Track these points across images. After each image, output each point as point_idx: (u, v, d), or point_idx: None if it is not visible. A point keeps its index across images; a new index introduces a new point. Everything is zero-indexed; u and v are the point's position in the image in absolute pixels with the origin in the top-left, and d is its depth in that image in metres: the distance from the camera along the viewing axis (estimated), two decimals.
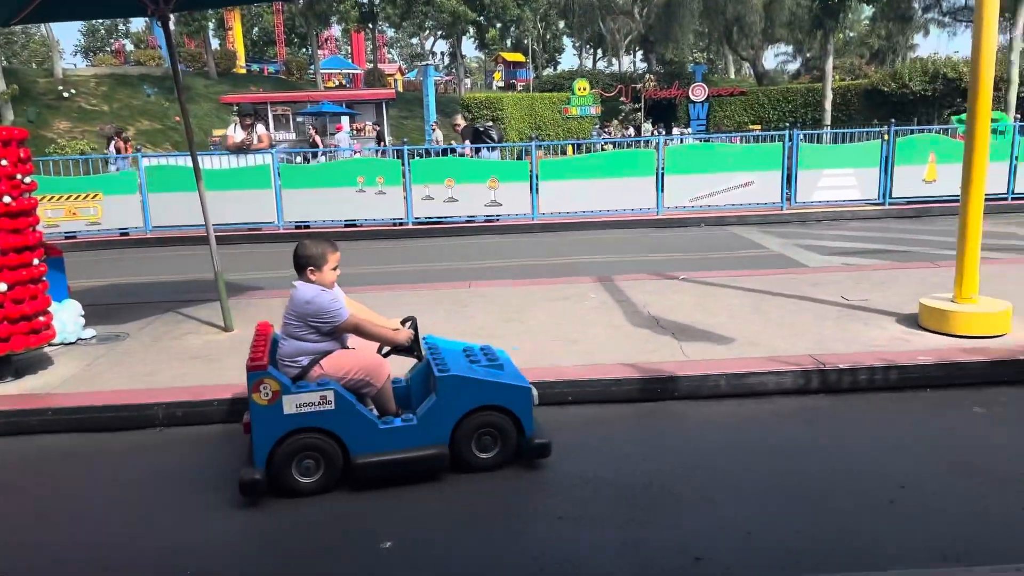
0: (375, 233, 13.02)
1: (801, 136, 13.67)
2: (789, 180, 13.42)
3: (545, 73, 56.39)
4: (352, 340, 4.00)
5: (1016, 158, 13.33)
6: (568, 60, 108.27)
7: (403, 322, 4.11)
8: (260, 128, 13.57)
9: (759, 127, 32.38)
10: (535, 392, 3.94)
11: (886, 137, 13.51)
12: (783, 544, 3.15)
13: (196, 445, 4.44)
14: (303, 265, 3.87)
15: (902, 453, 3.96)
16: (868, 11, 42.93)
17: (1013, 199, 13.33)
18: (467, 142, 14.47)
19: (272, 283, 8.74)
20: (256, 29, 63.47)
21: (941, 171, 13.36)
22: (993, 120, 12.61)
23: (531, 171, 13.23)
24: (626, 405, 4.74)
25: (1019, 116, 16.80)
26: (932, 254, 9.32)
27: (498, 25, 53.17)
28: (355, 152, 17.64)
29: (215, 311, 6.55)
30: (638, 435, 4.34)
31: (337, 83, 47.65)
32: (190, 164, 6.57)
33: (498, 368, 3.99)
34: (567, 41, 68.01)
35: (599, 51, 63.88)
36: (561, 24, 62.42)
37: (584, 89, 36.75)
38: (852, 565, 2.98)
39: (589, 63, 63.20)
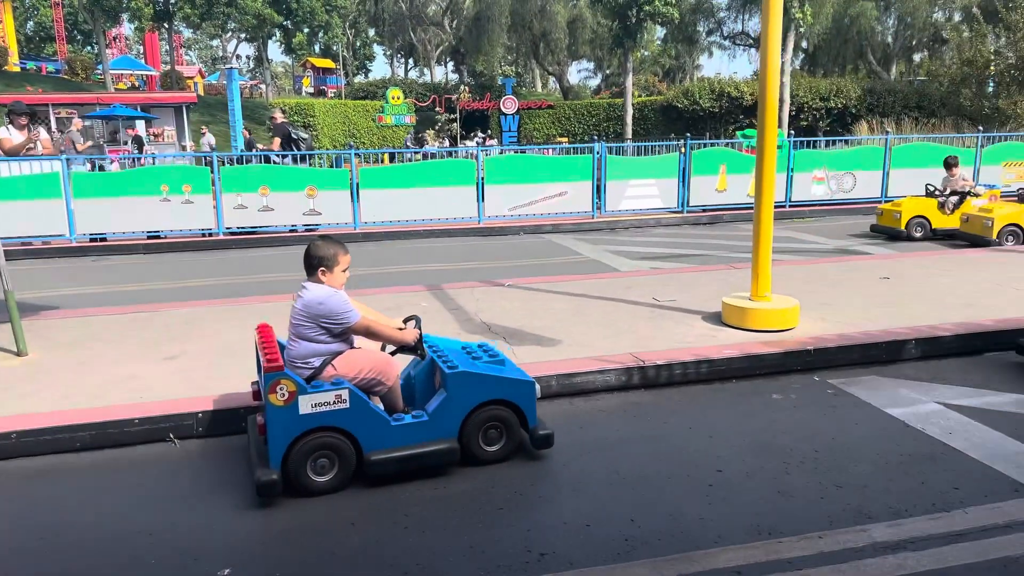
0: (182, 245, 12.25)
1: (608, 149, 14.48)
2: (598, 190, 14.16)
3: (356, 80, 55.64)
4: (358, 340, 3.99)
5: (792, 170, 14.92)
6: (380, 68, 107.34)
7: (405, 321, 4.18)
8: (42, 133, 12.27)
9: (567, 140, 33.86)
10: (538, 386, 4.12)
11: (683, 150, 14.63)
12: (620, 533, 3.34)
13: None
14: (315, 266, 3.91)
15: (716, 440, 4.33)
16: (661, 32, 46.22)
17: (791, 206, 14.89)
18: (275, 138, 13.99)
19: (68, 301, 8.00)
20: (31, 23, 57.56)
21: (731, 181, 14.67)
22: None
23: (351, 179, 13.03)
24: None
25: (792, 132, 18.83)
26: (728, 257, 10.21)
27: (306, 30, 51.73)
28: (113, 161, 16.20)
29: (4, 334, 5.89)
30: None
31: (130, 85, 44.26)
32: None
33: (499, 364, 4.15)
34: (378, 49, 67.55)
35: (411, 60, 63.98)
36: (371, 31, 61.91)
37: (398, 98, 36.67)
38: (682, 547, 3.22)
39: (401, 72, 63.13)
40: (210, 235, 12.63)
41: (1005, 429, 4.32)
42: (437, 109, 38.34)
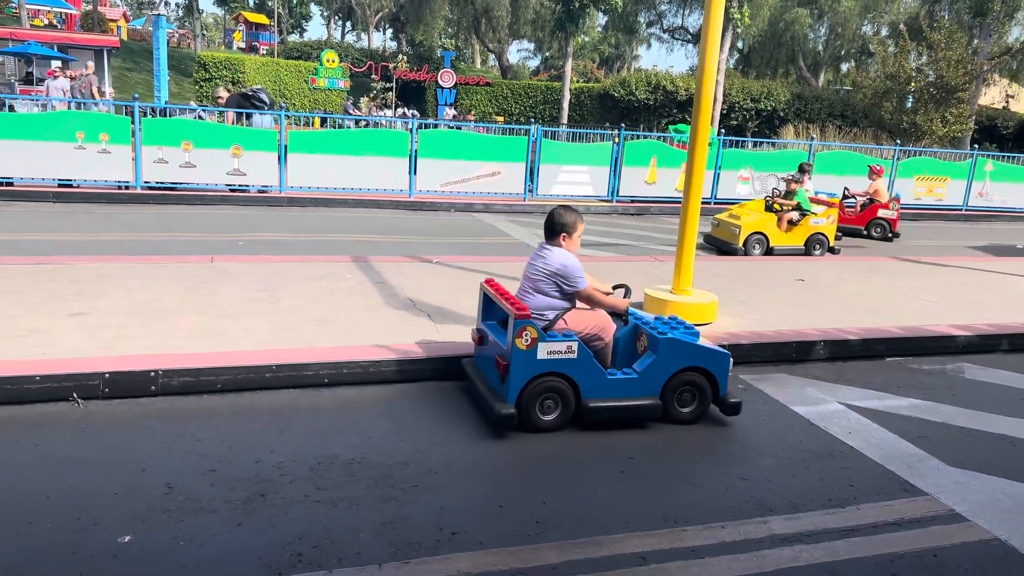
0: (96, 196, 11.70)
1: (543, 132, 14.50)
2: (532, 173, 14.18)
3: (291, 39, 54.01)
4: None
5: (719, 167, 15.27)
6: (316, 29, 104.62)
7: (614, 288, 4.70)
8: None
9: (503, 119, 33.75)
10: (731, 358, 4.52)
11: (616, 140, 14.78)
12: (532, 516, 3.38)
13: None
14: (558, 231, 4.46)
15: (630, 428, 4.40)
16: (603, 19, 46.39)
17: (716, 203, 15.24)
18: (229, 113, 13.46)
19: None
20: None
21: (661, 174, 14.92)
22: None
23: (280, 141, 12.67)
24: (383, 387, 4.78)
25: (723, 130, 19.24)
26: (653, 248, 10.40)
27: None
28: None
29: None
30: (394, 416, 4.39)
31: (47, 22, 41.76)
32: None
33: (694, 335, 4.50)
34: (315, 9, 65.65)
35: (348, 24, 62.49)
36: None
37: (333, 61, 35.78)
38: (591, 531, 3.28)
39: (338, 35, 61.58)
40: (126, 188, 12.10)
41: (900, 431, 4.56)
42: (373, 76, 37.59)
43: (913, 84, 23.79)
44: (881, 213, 12.97)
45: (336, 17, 60.68)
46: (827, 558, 3.18)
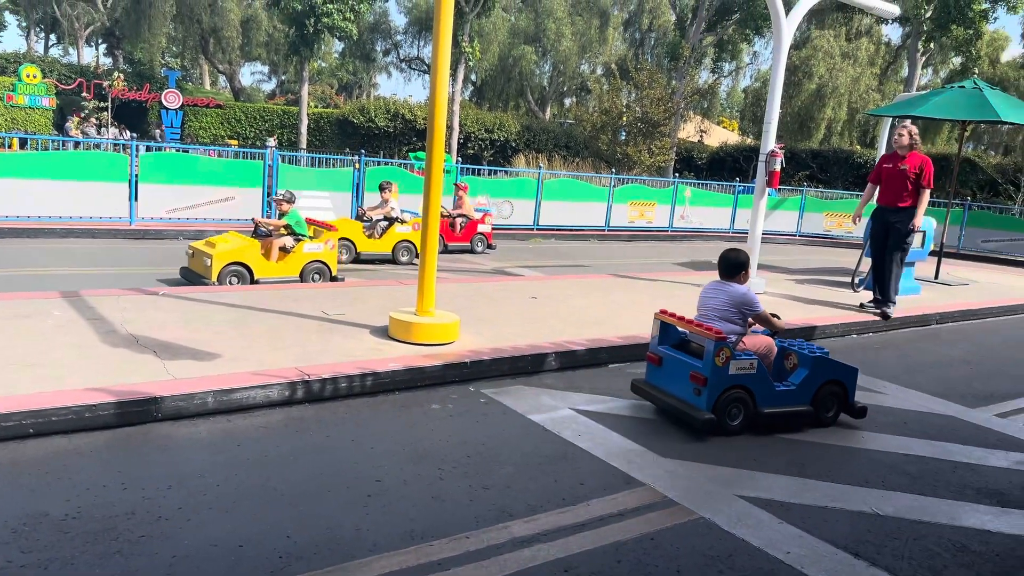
0: None
1: (280, 157, 14.09)
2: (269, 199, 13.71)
3: None
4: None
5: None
6: (12, 40, 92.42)
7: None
8: None
9: (236, 143, 32.23)
10: (859, 370, 5.44)
11: (357, 166, 14.77)
12: (275, 551, 3.26)
13: None
14: (738, 269, 5.31)
15: (377, 451, 4.43)
16: (339, 46, 46.18)
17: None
18: None
19: None
20: None
21: (403, 201, 15.07)
22: None
23: None
24: (102, 432, 4.34)
25: (460, 159, 19.96)
26: (396, 273, 10.51)
27: None
28: None
29: None
30: (116, 463, 4.01)
31: None
32: None
33: (826, 354, 5.35)
34: (11, 19, 58.22)
35: (53, 36, 56.15)
36: None
37: (34, 77, 31.88)
38: (338, 559, 3.24)
39: (40, 48, 55.08)
40: None
41: (622, 430, 5.02)
42: (84, 95, 34.06)
43: (624, 118, 26.39)
44: (480, 229, 14.00)
45: (37, 28, 54.21)
46: (562, 554, 3.42)
